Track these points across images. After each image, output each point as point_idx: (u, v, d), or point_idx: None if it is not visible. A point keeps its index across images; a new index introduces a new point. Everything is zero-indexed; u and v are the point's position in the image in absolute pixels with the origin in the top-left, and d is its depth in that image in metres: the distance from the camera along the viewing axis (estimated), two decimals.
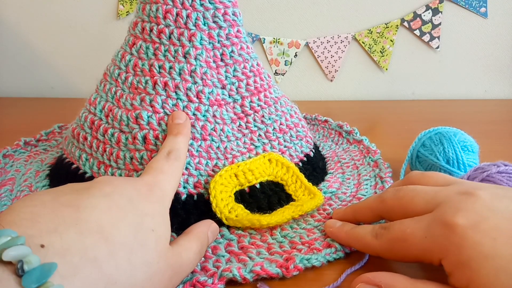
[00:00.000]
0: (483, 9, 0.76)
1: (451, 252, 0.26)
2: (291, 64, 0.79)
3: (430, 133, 0.44)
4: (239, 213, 0.36)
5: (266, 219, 0.35)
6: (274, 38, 0.77)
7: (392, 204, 0.32)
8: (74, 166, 0.40)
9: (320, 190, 0.42)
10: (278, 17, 0.77)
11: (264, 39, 0.77)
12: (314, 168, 0.45)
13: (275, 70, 0.79)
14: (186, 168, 0.36)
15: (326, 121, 0.61)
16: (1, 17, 0.77)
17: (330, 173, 0.47)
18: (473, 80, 0.81)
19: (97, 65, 0.79)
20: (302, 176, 0.40)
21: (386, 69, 0.79)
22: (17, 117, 0.68)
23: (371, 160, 0.48)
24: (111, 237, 0.23)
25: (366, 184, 0.44)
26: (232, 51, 0.40)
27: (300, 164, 0.43)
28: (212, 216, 0.35)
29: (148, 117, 0.36)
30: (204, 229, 0.32)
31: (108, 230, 0.24)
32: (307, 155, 0.44)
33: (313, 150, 0.46)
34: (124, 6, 0.76)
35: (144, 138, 0.36)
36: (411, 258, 0.29)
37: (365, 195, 0.41)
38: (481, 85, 0.81)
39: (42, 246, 0.21)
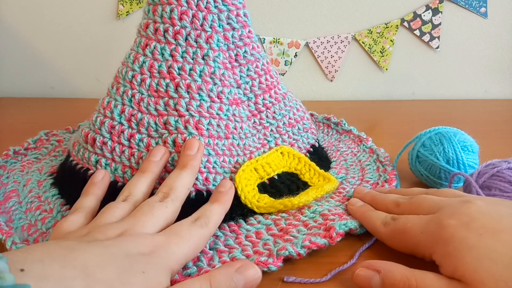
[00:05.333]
0: (483, 9, 0.76)
1: (440, 246, 0.29)
2: (291, 64, 0.79)
3: (430, 133, 0.44)
4: (267, 201, 0.38)
5: (296, 199, 0.38)
6: (274, 38, 0.77)
7: (404, 209, 0.35)
8: (91, 172, 0.38)
9: (335, 178, 0.44)
10: (278, 17, 0.77)
11: (264, 39, 0.77)
12: (320, 157, 0.47)
13: (275, 70, 0.79)
14: (213, 167, 0.37)
15: (312, 114, 0.62)
16: (1, 17, 0.77)
17: (333, 161, 0.49)
18: (473, 80, 0.81)
19: (97, 65, 0.79)
20: (314, 164, 0.43)
21: (386, 69, 0.79)
22: (17, 117, 0.68)
23: (366, 147, 0.52)
24: (92, 274, 0.24)
25: (369, 169, 0.47)
26: (245, 52, 0.42)
27: (308, 154, 0.45)
28: (243, 207, 0.38)
29: (175, 122, 0.37)
30: (224, 271, 0.28)
31: (91, 268, 0.24)
32: (313, 146, 0.47)
33: (318, 141, 0.49)
34: (124, 6, 0.76)
35: (174, 142, 0.36)
36: (407, 249, 0.33)
37: (371, 178, 0.45)
38: (481, 85, 0.81)
39: (22, 270, 0.22)
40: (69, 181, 0.41)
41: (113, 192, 0.36)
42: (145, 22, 0.40)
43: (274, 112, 0.43)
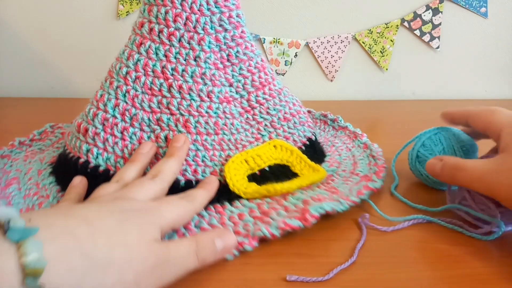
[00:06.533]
0: (483, 9, 0.76)
1: (507, 127, 0.35)
2: (291, 64, 0.79)
3: (430, 133, 0.44)
4: (254, 188, 0.40)
5: (279, 186, 0.40)
6: (274, 38, 0.77)
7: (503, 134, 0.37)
8: (82, 160, 0.40)
9: (324, 169, 0.45)
10: (278, 17, 0.77)
11: (264, 39, 0.77)
12: (315, 150, 0.48)
13: (275, 70, 0.79)
14: (203, 161, 0.40)
15: (309, 111, 0.63)
16: (1, 17, 0.77)
17: (328, 155, 0.50)
18: (473, 80, 0.81)
19: (97, 65, 0.79)
20: (305, 157, 0.44)
21: (386, 69, 0.79)
22: (17, 117, 0.68)
23: (360, 143, 0.52)
24: (94, 223, 0.26)
25: (362, 163, 0.48)
26: (238, 52, 0.43)
27: (303, 147, 0.46)
28: (230, 193, 0.39)
29: (167, 120, 0.39)
30: (208, 234, 0.32)
31: (91, 219, 0.27)
32: (309, 139, 0.48)
33: (314, 134, 0.49)
34: (124, 6, 0.76)
35: (166, 137, 0.39)
36: (480, 126, 0.39)
37: (362, 171, 0.45)
38: (481, 85, 0.81)
39: (29, 220, 0.24)
40: (63, 169, 0.43)
41: (105, 180, 0.38)
42: (140, 21, 0.41)
43: (268, 108, 0.44)
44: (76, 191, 0.38)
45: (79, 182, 0.39)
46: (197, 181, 0.39)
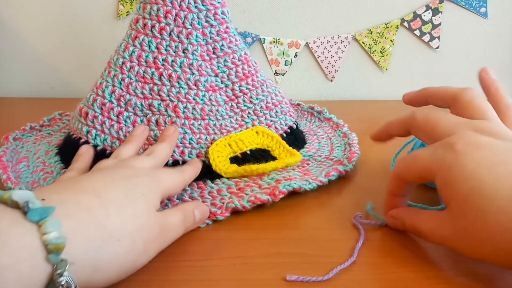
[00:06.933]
0: (483, 9, 0.76)
1: (442, 172, 0.31)
2: (291, 64, 0.79)
3: None
4: (233, 169, 0.44)
5: (255, 166, 0.44)
6: (274, 38, 0.77)
7: (420, 122, 0.36)
8: (82, 140, 0.45)
9: (300, 154, 0.49)
10: (278, 17, 0.77)
11: (264, 39, 0.77)
12: (296, 138, 0.52)
13: (275, 70, 0.79)
14: (190, 143, 0.44)
15: (298, 104, 0.68)
16: (1, 17, 0.77)
17: (308, 142, 0.54)
18: (473, 80, 0.81)
19: (97, 65, 0.79)
20: (284, 142, 0.48)
21: (386, 69, 0.79)
22: (17, 117, 0.68)
23: (341, 132, 0.56)
24: (102, 194, 0.29)
25: (338, 149, 0.52)
26: (222, 45, 0.47)
27: (284, 135, 0.50)
28: (212, 172, 0.44)
29: (158, 105, 0.44)
30: (190, 206, 0.37)
31: (99, 190, 0.29)
32: (290, 127, 0.52)
33: (296, 123, 0.54)
34: (124, 6, 0.76)
35: (156, 121, 0.44)
36: (416, 176, 0.34)
37: (336, 156, 0.50)
38: None
39: (43, 199, 0.26)
40: (67, 149, 0.47)
41: (103, 158, 0.41)
42: (136, 17, 0.46)
43: (251, 97, 0.48)
44: (83, 159, 0.41)
45: (86, 151, 0.43)
46: (184, 162, 0.44)
